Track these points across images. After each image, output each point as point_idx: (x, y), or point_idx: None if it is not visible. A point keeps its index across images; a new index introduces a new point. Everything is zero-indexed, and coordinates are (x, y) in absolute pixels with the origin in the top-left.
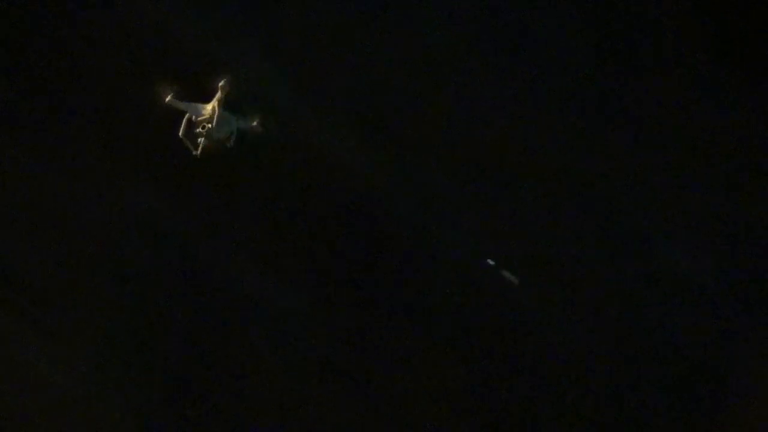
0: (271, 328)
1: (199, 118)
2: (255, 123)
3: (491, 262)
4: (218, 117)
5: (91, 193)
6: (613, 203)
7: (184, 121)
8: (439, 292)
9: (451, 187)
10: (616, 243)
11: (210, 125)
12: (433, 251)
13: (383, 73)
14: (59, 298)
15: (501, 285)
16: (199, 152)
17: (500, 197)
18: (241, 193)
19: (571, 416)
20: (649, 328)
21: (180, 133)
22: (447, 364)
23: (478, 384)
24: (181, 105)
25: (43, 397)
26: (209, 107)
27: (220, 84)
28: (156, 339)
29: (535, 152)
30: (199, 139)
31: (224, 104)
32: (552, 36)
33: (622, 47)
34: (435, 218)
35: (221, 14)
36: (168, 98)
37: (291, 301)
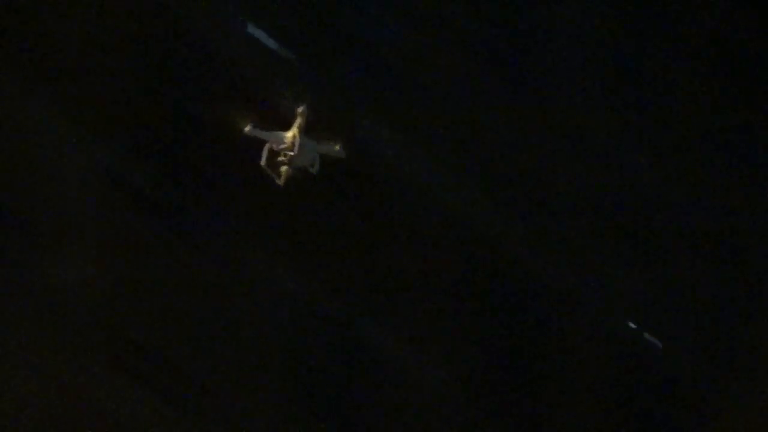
0: (411, 400)
1: (281, 146)
2: (338, 147)
3: (633, 325)
4: (300, 144)
5: (206, 257)
6: (757, 264)
7: (265, 149)
8: (580, 356)
9: (590, 245)
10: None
11: (292, 153)
12: (572, 312)
13: (495, 102)
14: (204, 380)
15: (643, 348)
16: (282, 181)
17: (641, 257)
18: (345, 234)
19: None
20: None
21: (261, 162)
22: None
23: None
24: (261, 134)
25: None
26: (290, 134)
27: (299, 110)
28: (302, 407)
29: (678, 213)
30: (282, 168)
31: (305, 130)
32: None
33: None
34: (574, 277)
35: (296, 40)
36: (247, 128)
37: (430, 370)
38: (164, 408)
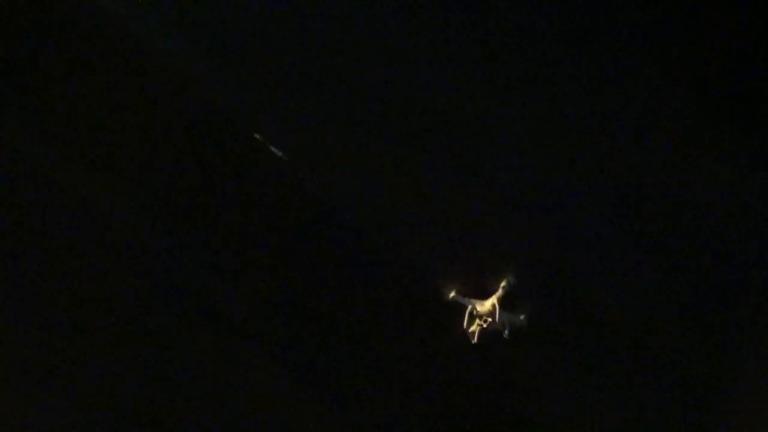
0: None
1: (479, 311)
2: (522, 317)
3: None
4: (498, 314)
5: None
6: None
7: (467, 315)
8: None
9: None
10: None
11: (490, 319)
12: None
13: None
14: None
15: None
16: (476, 339)
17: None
18: None
19: None
20: None
21: (464, 325)
22: None
23: None
24: (464, 300)
25: None
26: (488, 303)
27: (503, 284)
28: None
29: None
30: (476, 330)
31: (502, 302)
32: None
33: None
34: None
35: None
36: (452, 294)
37: None
38: None
